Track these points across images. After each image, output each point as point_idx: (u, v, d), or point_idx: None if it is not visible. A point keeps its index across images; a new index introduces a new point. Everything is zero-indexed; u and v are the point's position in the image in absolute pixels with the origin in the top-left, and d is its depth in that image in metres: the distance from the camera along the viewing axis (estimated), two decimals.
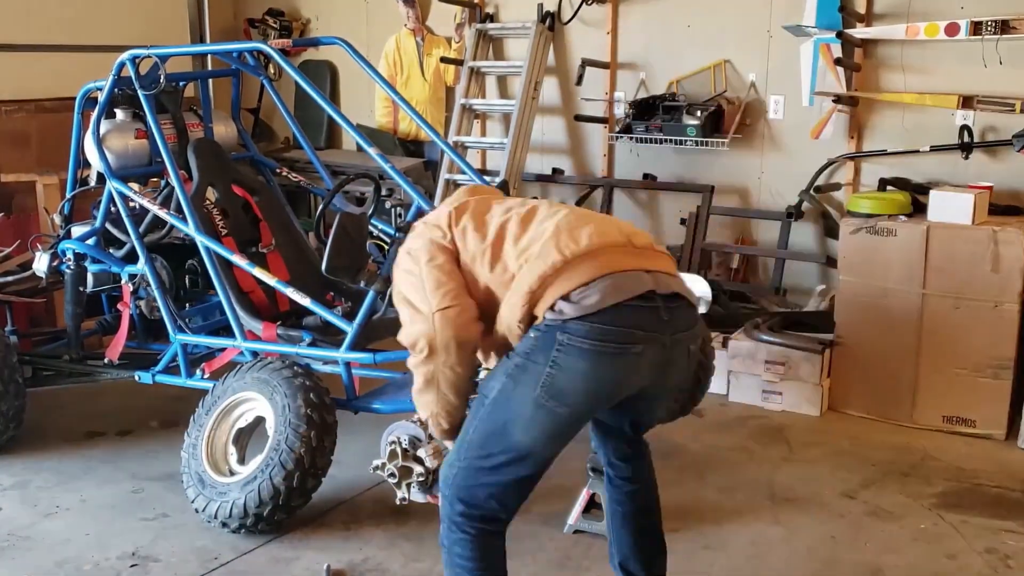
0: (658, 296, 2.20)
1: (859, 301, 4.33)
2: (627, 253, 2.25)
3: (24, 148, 5.62)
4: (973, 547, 3.23)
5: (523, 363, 2.19)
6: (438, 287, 2.28)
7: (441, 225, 2.38)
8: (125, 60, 3.88)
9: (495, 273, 2.29)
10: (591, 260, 2.18)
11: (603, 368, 2.15)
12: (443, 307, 2.27)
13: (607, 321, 2.13)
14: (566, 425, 2.23)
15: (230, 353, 3.78)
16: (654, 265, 2.27)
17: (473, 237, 2.33)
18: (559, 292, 2.15)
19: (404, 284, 2.37)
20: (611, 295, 2.13)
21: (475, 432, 2.27)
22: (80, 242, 4.07)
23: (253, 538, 3.29)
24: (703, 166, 5.39)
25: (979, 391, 4.10)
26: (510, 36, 5.97)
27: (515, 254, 2.26)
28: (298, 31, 6.87)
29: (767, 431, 4.24)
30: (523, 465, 2.25)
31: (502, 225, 2.33)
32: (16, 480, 3.81)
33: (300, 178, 4.65)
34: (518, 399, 2.19)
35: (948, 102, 4.58)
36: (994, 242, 4.00)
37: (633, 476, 2.60)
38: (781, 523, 3.41)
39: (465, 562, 2.32)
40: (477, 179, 4.03)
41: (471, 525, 2.30)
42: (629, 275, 2.19)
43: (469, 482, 2.28)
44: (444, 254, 2.33)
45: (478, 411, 2.28)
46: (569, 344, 2.13)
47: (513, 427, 2.20)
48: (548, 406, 2.17)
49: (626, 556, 2.63)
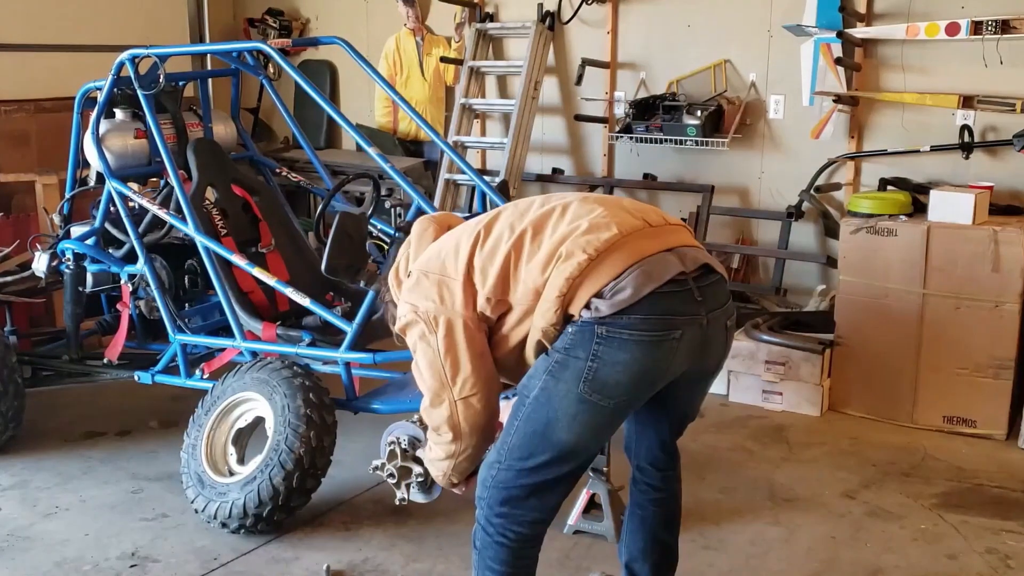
0: (689, 277, 2.18)
1: (859, 301, 4.32)
2: (647, 236, 2.21)
3: (23, 148, 5.62)
4: (973, 547, 3.23)
5: (563, 359, 2.14)
6: (458, 372, 2.23)
7: (452, 286, 2.24)
8: (124, 60, 3.88)
9: (518, 298, 2.21)
10: (616, 252, 2.14)
11: (645, 357, 2.12)
12: (465, 396, 2.25)
13: (644, 311, 2.10)
14: (610, 418, 2.20)
15: (229, 353, 3.77)
16: (675, 241, 2.24)
17: (494, 278, 2.22)
18: (591, 291, 2.11)
19: (420, 356, 2.29)
20: (643, 285, 2.10)
21: (516, 434, 2.22)
22: (79, 242, 4.07)
23: (253, 538, 3.28)
24: (703, 166, 5.38)
25: (980, 391, 4.10)
26: (510, 36, 5.96)
27: (538, 268, 2.17)
28: (298, 31, 6.86)
29: (767, 431, 4.24)
30: (566, 463, 2.22)
31: (515, 246, 2.22)
32: (15, 480, 3.81)
33: (300, 178, 4.65)
34: (561, 396, 2.14)
35: (948, 102, 4.57)
36: (994, 242, 3.99)
37: (661, 484, 2.56)
38: (781, 523, 3.41)
39: (497, 566, 2.28)
40: (477, 179, 4.02)
41: (509, 529, 2.26)
42: (656, 260, 2.15)
43: (510, 483, 2.23)
44: (459, 325, 2.22)
45: (519, 411, 2.23)
46: (609, 336, 2.09)
47: (556, 425, 2.16)
48: (592, 400, 2.13)
49: (634, 558, 2.61)
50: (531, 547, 2.32)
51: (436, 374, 2.26)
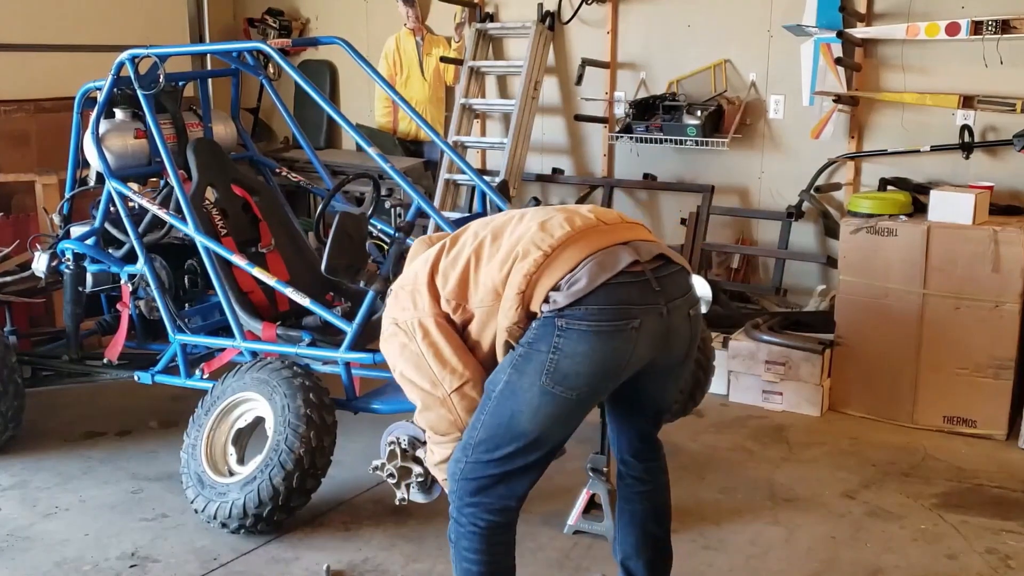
0: (646, 268, 2.23)
1: (859, 301, 4.32)
2: (601, 232, 2.28)
3: (23, 148, 5.62)
4: (973, 547, 3.22)
5: (526, 352, 2.20)
6: (444, 366, 2.29)
7: (422, 291, 2.34)
8: (124, 60, 3.87)
9: (478, 300, 2.28)
10: (570, 247, 2.21)
11: (604, 347, 2.17)
12: (457, 387, 2.30)
13: (600, 301, 2.15)
14: (574, 409, 2.24)
15: (229, 353, 3.77)
16: (629, 236, 2.30)
17: (454, 282, 2.31)
18: (548, 284, 2.18)
19: (405, 365, 2.35)
20: (597, 275, 2.16)
21: (483, 428, 2.27)
22: (79, 242, 4.06)
23: (252, 538, 3.28)
24: (703, 166, 5.38)
25: (980, 391, 4.10)
26: (510, 36, 5.96)
27: (496, 267, 2.26)
28: (297, 31, 6.86)
29: (767, 431, 4.24)
30: (531, 453, 2.26)
31: (476, 251, 2.32)
32: (15, 480, 3.81)
33: (300, 178, 4.65)
34: (524, 388, 2.20)
35: (949, 102, 4.57)
36: (995, 242, 3.99)
37: (646, 476, 2.60)
38: (781, 523, 3.41)
39: (472, 555, 2.32)
40: (477, 179, 4.02)
41: (479, 518, 2.30)
42: (609, 252, 2.22)
43: (477, 474, 2.28)
44: (436, 325, 2.31)
45: (485, 406, 2.28)
46: (568, 328, 2.15)
47: (520, 416, 2.21)
48: (554, 392, 2.18)
49: (628, 556, 2.63)
50: (503, 532, 2.35)
51: (425, 375, 2.32)
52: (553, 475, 2.41)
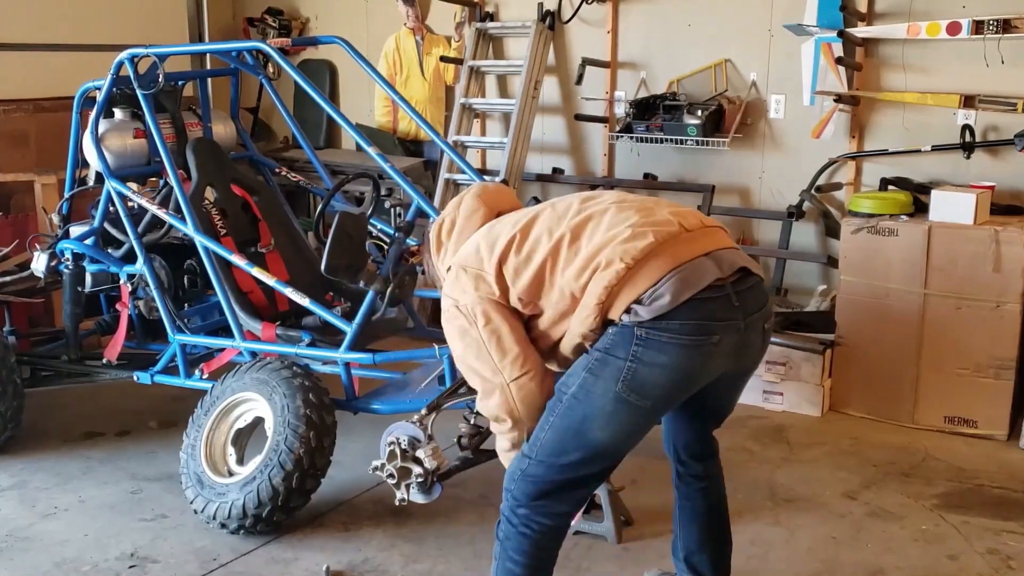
0: (727, 283, 2.21)
1: (860, 301, 4.32)
2: (683, 241, 2.23)
3: (22, 147, 5.61)
4: (974, 548, 3.22)
5: (603, 357, 2.17)
6: (505, 354, 2.26)
7: (488, 279, 2.28)
8: (124, 59, 3.87)
9: (552, 301, 2.25)
10: (653, 260, 2.16)
11: (683, 360, 2.15)
12: (516, 376, 2.27)
13: (682, 317, 2.13)
14: (646, 419, 2.23)
15: (229, 353, 3.76)
16: (711, 244, 2.27)
17: (527, 281, 2.25)
18: (629, 298, 2.14)
19: (465, 350, 2.31)
20: (681, 291, 2.13)
21: (551, 430, 2.25)
22: (78, 242, 4.06)
23: (252, 539, 3.28)
24: (704, 166, 5.37)
25: (980, 391, 4.09)
26: (510, 35, 5.95)
27: (574, 275, 2.20)
28: (297, 30, 6.85)
29: (768, 431, 4.23)
30: (596, 463, 2.26)
31: (552, 252, 2.25)
32: (14, 481, 3.80)
33: (299, 178, 4.64)
34: (598, 394, 2.18)
35: (950, 101, 4.56)
36: (996, 242, 3.99)
37: (704, 473, 2.62)
38: (781, 523, 3.40)
39: (518, 556, 2.31)
40: (477, 179, 4.01)
41: (533, 520, 2.29)
42: (693, 266, 2.18)
43: (540, 478, 2.26)
44: (499, 312, 2.27)
45: (555, 407, 2.25)
46: (648, 338, 2.13)
47: (592, 423, 2.19)
48: (630, 400, 2.16)
49: (692, 551, 2.66)
50: (553, 539, 2.36)
51: (485, 362, 2.28)
52: None
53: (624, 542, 3.24)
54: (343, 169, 5.70)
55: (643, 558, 3.14)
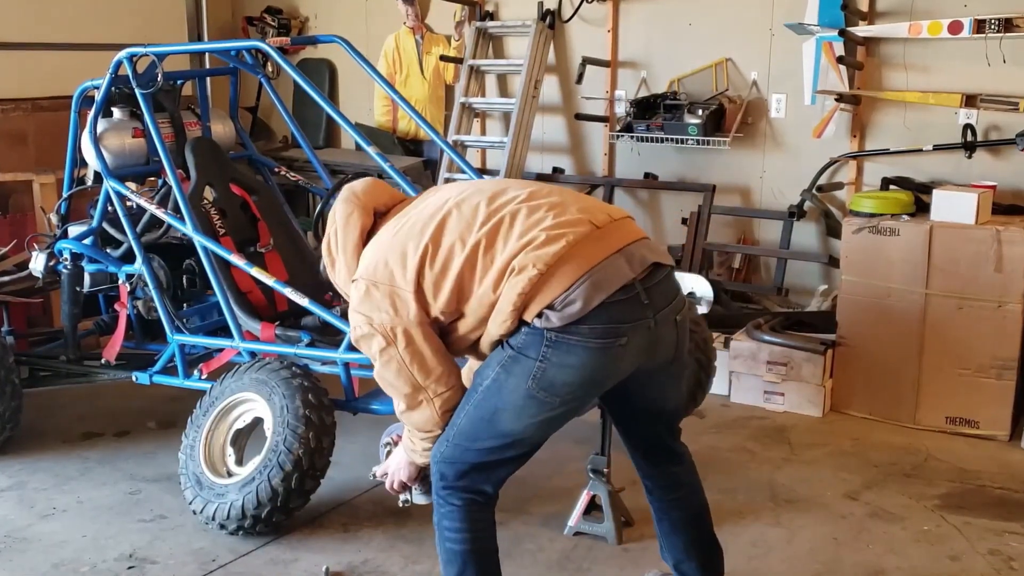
0: (636, 281, 2.22)
1: (861, 301, 4.31)
2: (594, 240, 2.24)
3: (21, 147, 5.60)
4: (976, 549, 3.21)
5: (515, 355, 2.22)
6: (429, 374, 2.30)
7: (405, 297, 2.25)
8: (122, 58, 3.85)
9: (471, 309, 2.25)
10: (565, 264, 2.18)
11: (591, 361, 2.19)
12: (441, 392, 2.32)
13: (591, 322, 2.16)
14: (556, 413, 2.27)
15: (228, 354, 3.75)
16: (622, 239, 2.28)
17: (447, 295, 2.25)
18: (543, 303, 2.17)
19: (384, 368, 2.32)
20: (593, 297, 2.16)
21: (466, 418, 2.31)
22: (77, 242, 4.05)
23: (251, 540, 3.27)
24: (704, 165, 5.37)
25: (982, 392, 4.08)
26: (510, 34, 5.94)
27: (491, 285, 2.21)
28: (296, 29, 6.84)
29: (768, 432, 4.22)
30: (510, 449, 2.31)
31: (468, 261, 2.23)
32: (13, 481, 3.79)
33: (299, 177, 4.63)
34: (510, 389, 2.23)
35: (951, 101, 4.56)
36: (997, 242, 3.98)
37: (674, 482, 2.60)
38: (782, 524, 3.39)
39: (454, 534, 2.35)
40: (476, 178, 4.00)
41: (457, 496, 2.34)
42: (605, 267, 2.19)
43: (457, 458, 2.33)
44: (420, 330, 2.27)
45: (471, 396, 2.31)
46: (557, 341, 2.18)
47: (503, 415, 2.26)
48: (539, 397, 2.22)
49: (680, 560, 2.65)
50: (482, 510, 2.38)
51: (407, 380, 2.33)
52: (553, 476, 2.41)
53: (624, 543, 3.23)
54: (342, 168, 5.69)
55: (643, 559, 3.12)
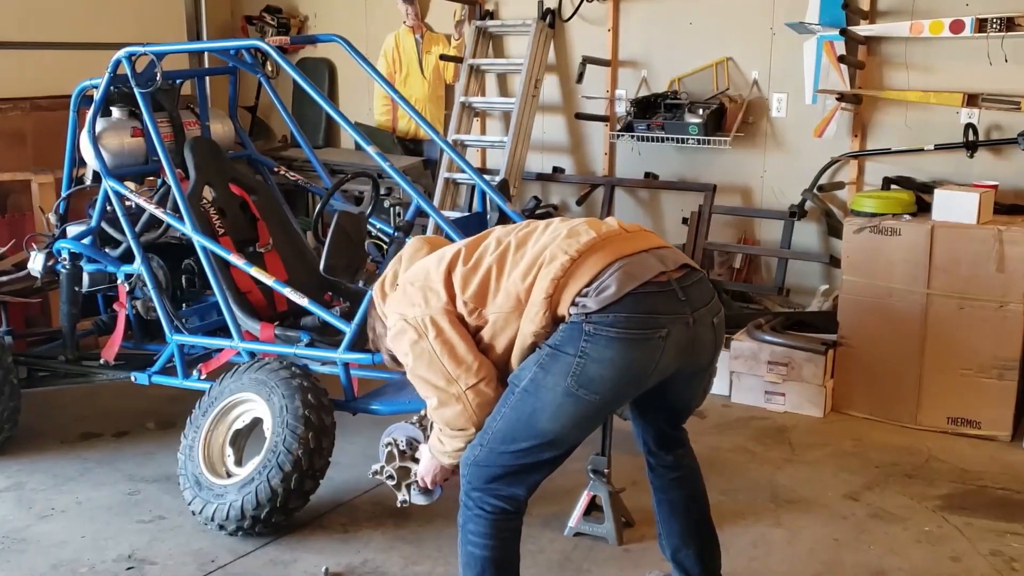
0: (671, 277, 2.27)
1: (863, 301, 4.30)
2: (625, 239, 2.32)
3: (19, 146, 5.59)
4: (978, 549, 3.20)
5: (553, 353, 2.22)
6: (459, 363, 2.30)
7: (435, 287, 2.33)
8: (121, 58, 3.85)
9: (496, 306, 2.29)
10: (596, 252, 2.24)
11: (631, 354, 2.20)
12: (473, 383, 2.31)
13: (628, 309, 2.18)
14: (595, 412, 2.28)
15: (227, 354, 3.75)
16: (650, 243, 2.35)
17: (475, 287, 2.30)
18: (575, 289, 2.20)
19: (416, 361, 2.34)
20: (626, 282, 2.19)
21: (503, 420, 2.30)
22: (76, 241, 4.04)
23: (250, 540, 3.26)
24: (705, 165, 5.35)
25: (984, 392, 4.07)
26: (510, 33, 5.93)
27: (520, 276, 2.27)
28: (296, 28, 6.83)
29: (769, 432, 4.21)
30: (547, 451, 2.30)
31: (499, 257, 2.33)
32: (11, 482, 3.78)
33: (298, 177, 4.63)
34: (548, 388, 2.23)
35: (953, 100, 4.54)
36: (999, 242, 3.97)
37: (675, 463, 2.64)
38: (783, 525, 3.38)
39: (478, 539, 2.35)
40: (477, 178, 4.01)
41: (487, 502, 2.33)
42: (635, 260, 2.26)
43: (491, 462, 2.31)
44: (450, 322, 2.30)
45: (508, 399, 2.30)
46: (596, 333, 2.17)
47: (541, 415, 2.25)
48: (578, 394, 2.21)
49: (677, 547, 2.67)
50: (510, 520, 2.38)
51: (439, 372, 2.32)
52: (553, 476, 2.40)
53: (625, 543, 3.22)
54: (342, 168, 5.69)
55: (643, 559, 3.12)
